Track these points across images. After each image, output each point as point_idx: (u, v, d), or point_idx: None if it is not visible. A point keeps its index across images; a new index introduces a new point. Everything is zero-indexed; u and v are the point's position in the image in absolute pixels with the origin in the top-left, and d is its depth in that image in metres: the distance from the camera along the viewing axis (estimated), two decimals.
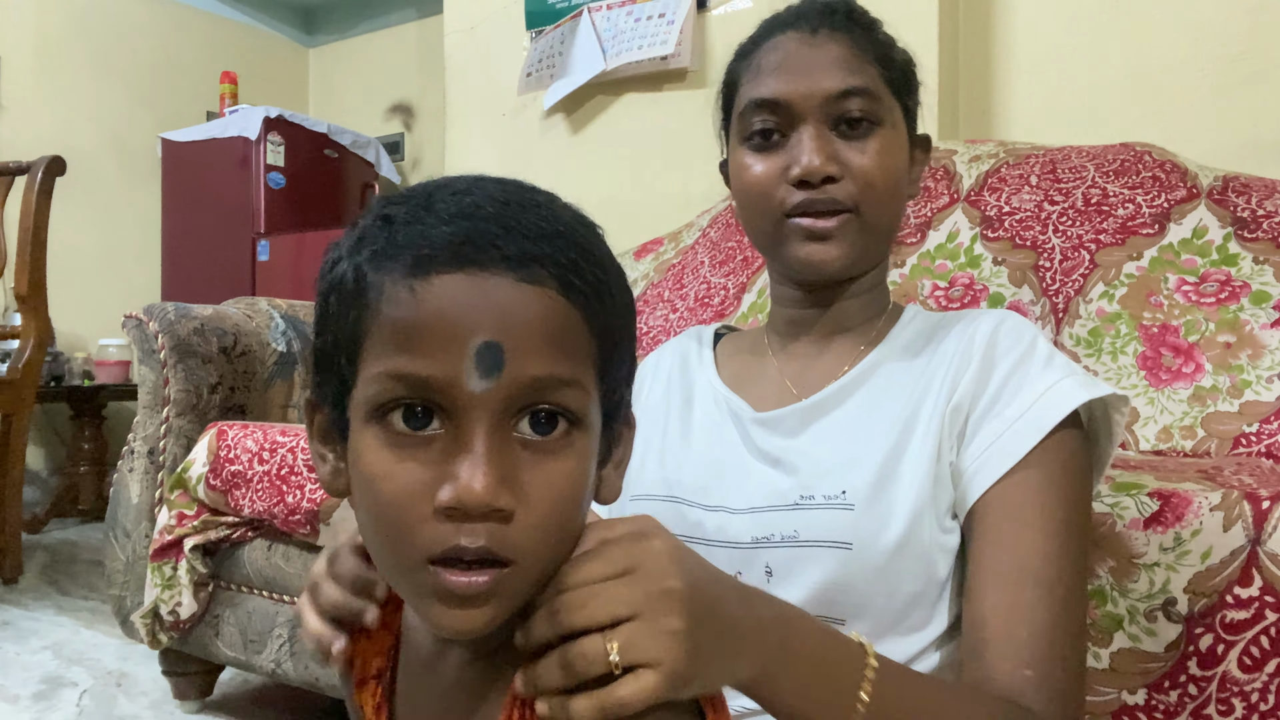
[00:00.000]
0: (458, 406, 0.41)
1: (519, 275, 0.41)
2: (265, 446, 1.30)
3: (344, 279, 0.43)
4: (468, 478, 0.39)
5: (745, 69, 0.78)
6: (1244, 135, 1.73)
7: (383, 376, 0.41)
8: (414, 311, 0.40)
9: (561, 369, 0.42)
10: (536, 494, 0.41)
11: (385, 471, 0.41)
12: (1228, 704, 0.68)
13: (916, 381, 0.73)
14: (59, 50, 3.49)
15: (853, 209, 0.73)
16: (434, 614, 0.42)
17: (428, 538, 0.40)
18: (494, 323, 0.40)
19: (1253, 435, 1.13)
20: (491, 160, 2.47)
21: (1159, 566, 0.70)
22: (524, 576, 0.42)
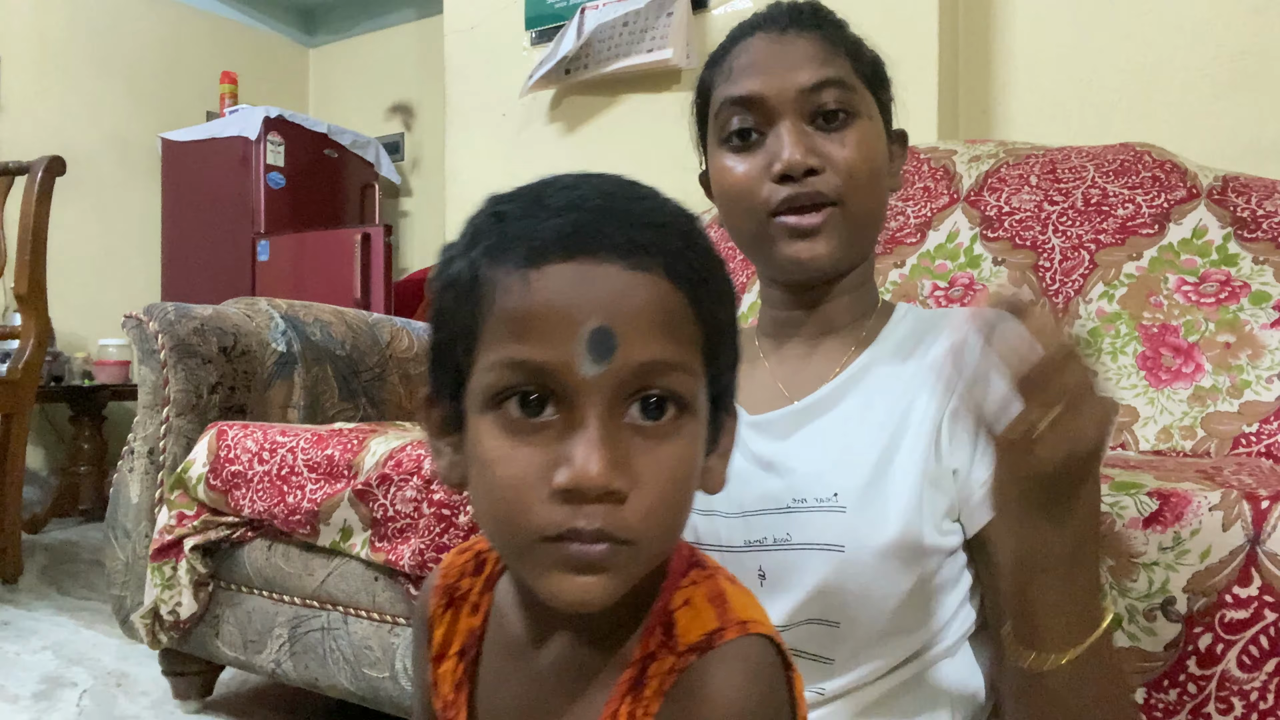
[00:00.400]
0: (571, 391, 0.42)
1: (628, 263, 0.42)
2: (265, 446, 1.30)
3: (459, 276, 0.45)
4: (583, 460, 0.41)
5: (717, 74, 0.78)
6: (1244, 135, 1.74)
7: (498, 365, 0.43)
8: (528, 301, 0.42)
9: (670, 353, 0.43)
10: (648, 477, 0.42)
11: (502, 456, 0.43)
12: (1227, 703, 0.68)
13: (908, 383, 0.73)
14: (59, 50, 3.49)
15: (837, 201, 0.73)
16: (553, 584, 0.43)
17: (545, 519, 0.42)
18: (605, 309, 0.41)
19: (1252, 435, 1.13)
20: (491, 160, 2.48)
21: (1158, 566, 0.70)
22: (637, 556, 0.43)
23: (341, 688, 1.24)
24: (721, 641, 0.45)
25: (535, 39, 2.39)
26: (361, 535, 1.20)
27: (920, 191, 1.54)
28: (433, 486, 1.13)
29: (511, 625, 0.52)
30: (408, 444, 1.18)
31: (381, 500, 1.17)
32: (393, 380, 1.79)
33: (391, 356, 1.80)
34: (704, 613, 0.47)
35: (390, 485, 1.16)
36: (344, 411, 1.69)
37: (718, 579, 0.49)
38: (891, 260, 1.49)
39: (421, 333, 1.91)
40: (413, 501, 1.14)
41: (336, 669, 1.24)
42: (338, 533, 1.22)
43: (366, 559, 1.20)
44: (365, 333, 1.78)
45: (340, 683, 1.24)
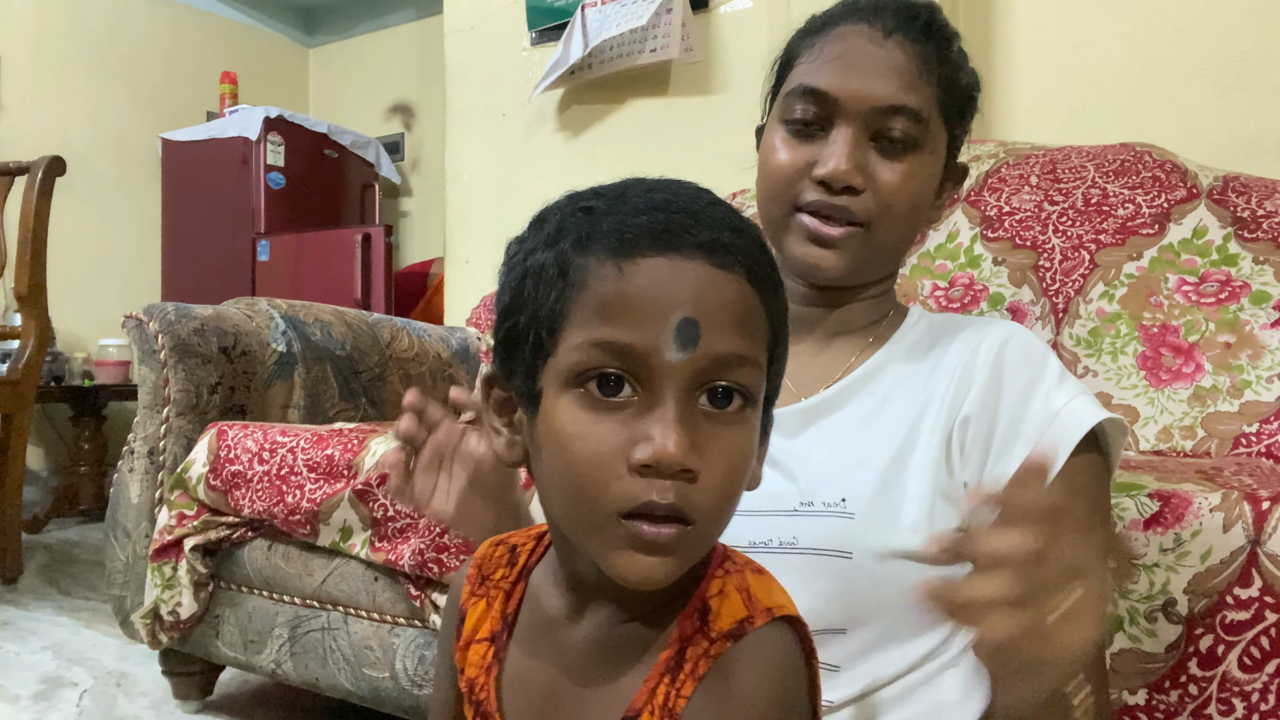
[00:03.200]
0: (653, 375, 0.45)
1: (713, 261, 0.46)
2: (265, 446, 1.30)
3: (545, 264, 0.47)
4: (662, 438, 0.43)
5: (807, 47, 0.76)
6: (1244, 135, 1.73)
7: (586, 345, 0.45)
8: (620, 287, 0.45)
9: (745, 348, 0.46)
10: (716, 459, 0.45)
11: (582, 432, 0.45)
12: (1228, 704, 0.68)
13: (920, 390, 0.72)
14: (59, 50, 3.49)
15: (863, 224, 0.72)
16: (622, 562, 0.45)
17: (621, 493, 0.44)
18: (692, 301, 0.45)
19: (1253, 435, 1.13)
20: (491, 160, 2.47)
21: (1159, 567, 0.70)
22: (701, 536, 0.46)
23: (341, 688, 1.24)
24: (751, 629, 0.48)
25: (536, 39, 2.39)
26: (361, 535, 1.20)
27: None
28: None
29: (547, 606, 0.54)
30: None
31: (381, 500, 1.16)
32: (393, 380, 1.79)
33: (392, 356, 1.80)
34: (734, 601, 0.49)
35: None
36: (344, 411, 1.69)
37: (745, 573, 0.52)
38: None
39: (422, 333, 1.91)
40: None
41: (336, 669, 1.24)
42: (338, 533, 1.22)
43: (366, 559, 1.20)
44: (365, 333, 1.78)
45: (340, 683, 1.24)
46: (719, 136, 2.07)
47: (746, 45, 2.05)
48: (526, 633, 0.55)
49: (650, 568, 0.45)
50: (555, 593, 0.54)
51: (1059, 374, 0.69)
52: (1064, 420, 0.66)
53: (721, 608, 0.49)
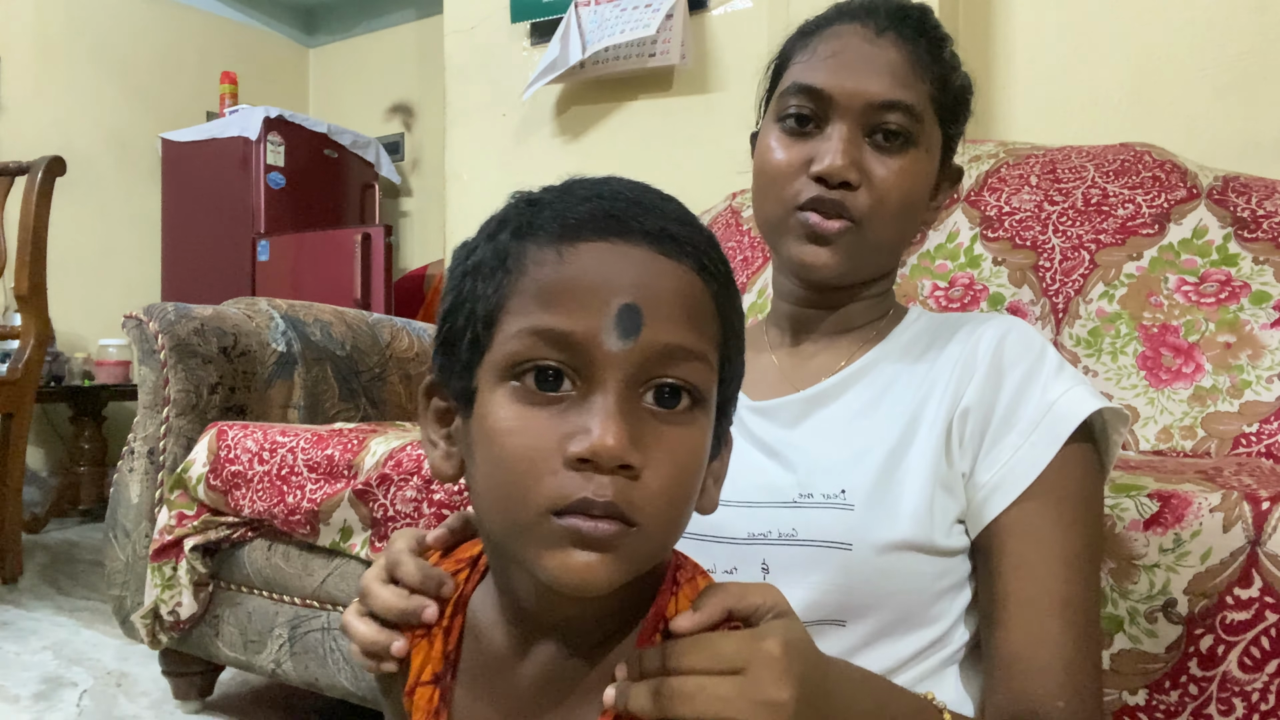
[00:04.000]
0: (594, 364, 0.42)
1: (659, 249, 0.44)
2: (265, 446, 1.30)
3: (483, 259, 0.46)
4: (601, 431, 0.40)
5: (801, 48, 0.77)
6: (1244, 135, 1.73)
7: (524, 333, 0.43)
8: (560, 272, 0.43)
9: (692, 341, 0.44)
10: (661, 459, 0.42)
11: (516, 426, 0.42)
12: (1228, 704, 0.68)
13: (920, 382, 0.72)
14: (59, 50, 3.49)
15: (856, 221, 0.72)
16: (556, 561, 0.42)
17: (555, 489, 0.41)
18: (635, 288, 0.42)
19: (1253, 435, 1.13)
20: (491, 160, 2.48)
21: (1159, 568, 0.70)
22: (644, 540, 0.43)
23: (341, 688, 1.24)
24: None
25: (535, 40, 2.39)
26: (361, 535, 1.20)
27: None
28: (433, 486, 1.13)
29: (490, 642, 0.50)
30: (408, 444, 1.18)
31: (381, 500, 1.16)
32: (393, 380, 1.79)
33: (392, 356, 1.80)
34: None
35: (390, 485, 1.16)
36: (344, 411, 1.69)
37: (696, 580, 0.49)
38: None
39: (422, 333, 1.91)
40: (413, 501, 1.14)
41: (336, 669, 1.24)
42: (338, 533, 1.22)
43: (366, 559, 1.20)
44: (365, 333, 1.78)
45: (340, 683, 1.24)
46: (717, 136, 2.07)
47: (745, 46, 2.05)
48: (471, 672, 0.51)
49: (587, 568, 0.41)
50: (497, 626, 0.50)
51: (1057, 364, 0.70)
52: (1059, 410, 0.66)
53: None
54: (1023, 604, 0.64)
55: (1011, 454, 0.66)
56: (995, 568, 0.66)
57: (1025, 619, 0.64)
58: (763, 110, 0.81)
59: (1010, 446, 0.67)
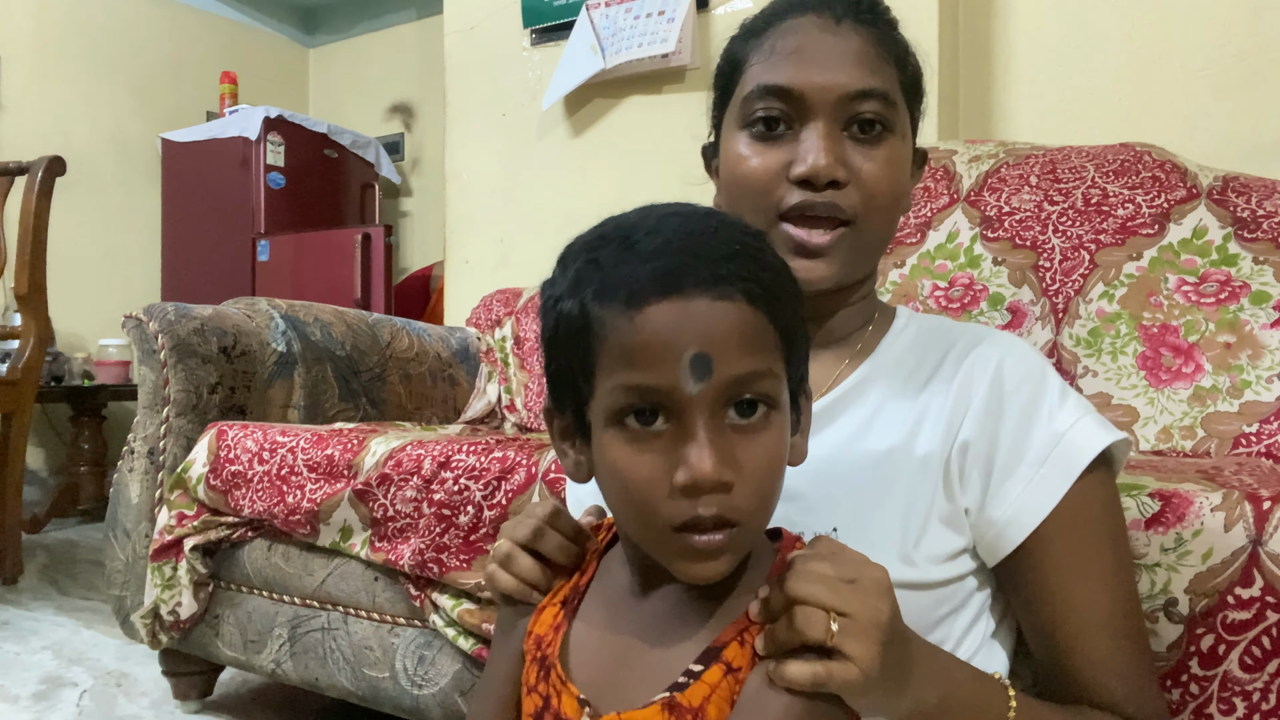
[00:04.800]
0: (679, 406, 0.50)
1: (713, 295, 0.50)
2: (265, 446, 1.30)
3: (571, 315, 0.53)
4: (696, 461, 0.49)
5: (754, 49, 0.72)
6: (1244, 135, 1.73)
7: (617, 389, 0.51)
8: (634, 337, 0.50)
9: (756, 364, 0.51)
10: (749, 466, 0.51)
11: (629, 464, 0.52)
12: (1229, 703, 0.68)
13: (910, 408, 0.70)
14: (59, 50, 3.49)
15: (851, 220, 0.69)
16: (683, 568, 0.52)
17: (671, 511, 0.51)
18: (701, 337, 0.50)
19: (1252, 435, 1.13)
20: (491, 160, 2.47)
21: (1160, 567, 0.70)
22: (747, 531, 0.53)
23: (341, 688, 1.24)
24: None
25: (535, 39, 2.39)
26: (361, 535, 1.20)
27: (920, 191, 1.54)
28: (433, 486, 1.13)
29: (617, 580, 0.61)
30: (407, 444, 1.18)
31: (381, 500, 1.16)
32: (393, 380, 1.79)
33: (391, 356, 1.80)
34: None
35: (390, 485, 1.16)
36: (344, 411, 1.69)
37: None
38: (891, 260, 1.49)
39: (422, 333, 1.91)
40: (413, 501, 1.14)
41: (336, 669, 1.24)
42: (337, 533, 1.22)
43: (366, 559, 1.20)
44: (365, 333, 1.78)
45: (340, 683, 1.24)
46: None
47: None
48: (597, 604, 0.61)
49: (708, 569, 0.52)
50: (625, 572, 0.60)
51: (1060, 391, 0.67)
52: (1070, 443, 0.65)
53: None
54: (1072, 630, 0.64)
55: (1023, 488, 0.65)
56: (1029, 598, 0.66)
57: (1080, 644, 0.64)
58: (715, 121, 0.78)
59: (1021, 480, 0.65)
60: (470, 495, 1.09)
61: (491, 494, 1.08)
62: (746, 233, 0.54)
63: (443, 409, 1.89)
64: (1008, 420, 0.66)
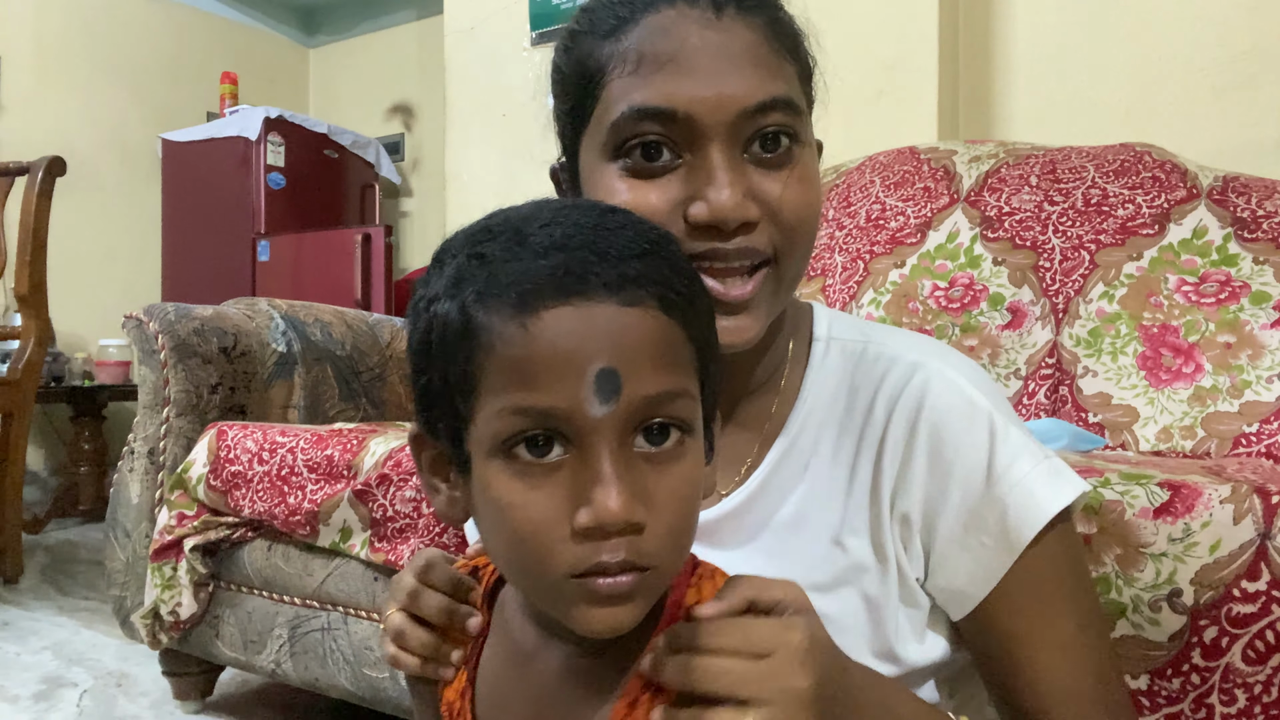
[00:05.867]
0: (581, 432, 0.42)
1: (621, 299, 0.42)
2: (265, 447, 1.30)
3: (449, 319, 0.44)
4: (603, 499, 0.41)
5: (614, 54, 0.57)
6: (1244, 135, 1.74)
7: (505, 413, 0.42)
8: (528, 348, 0.42)
9: (672, 383, 0.44)
10: (662, 503, 0.43)
11: (518, 501, 0.43)
12: (1230, 694, 0.68)
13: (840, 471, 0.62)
14: (59, 50, 3.49)
15: (769, 261, 0.57)
16: (581, 616, 0.44)
17: (569, 558, 0.42)
18: (607, 350, 0.42)
19: (1253, 435, 1.13)
20: (491, 160, 2.48)
21: (1166, 557, 0.70)
22: (659, 576, 0.45)
23: (341, 688, 1.24)
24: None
25: (536, 40, 2.39)
26: (361, 535, 1.20)
27: (920, 191, 1.54)
28: None
29: (514, 634, 0.53)
30: (407, 444, 1.18)
31: (381, 500, 1.16)
32: (393, 380, 1.79)
33: (392, 357, 1.80)
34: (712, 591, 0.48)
35: (390, 485, 1.16)
36: (344, 412, 1.69)
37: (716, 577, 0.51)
38: (892, 261, 1.49)
39: None
40: (412, 502, 1.14)
41: (336, 669, 1.24)
42: (337, 533, 1.22)
43: (366, 559, 1.20)
44: (365, 333, 1.78)
45: (340, 683, 1.24)
46: None
47: None
48: (498, 658, 0.54)
49: (613, 616, 0.43)
50: (522, 622, 0.53)
51: (1005, 440, 0.58)
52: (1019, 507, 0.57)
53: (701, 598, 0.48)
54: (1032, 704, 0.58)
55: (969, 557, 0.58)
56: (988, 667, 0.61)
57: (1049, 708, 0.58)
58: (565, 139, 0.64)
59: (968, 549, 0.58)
60: None
61: None
62: (655, 231, 0.46)
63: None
64: (951, 486, 0.58)
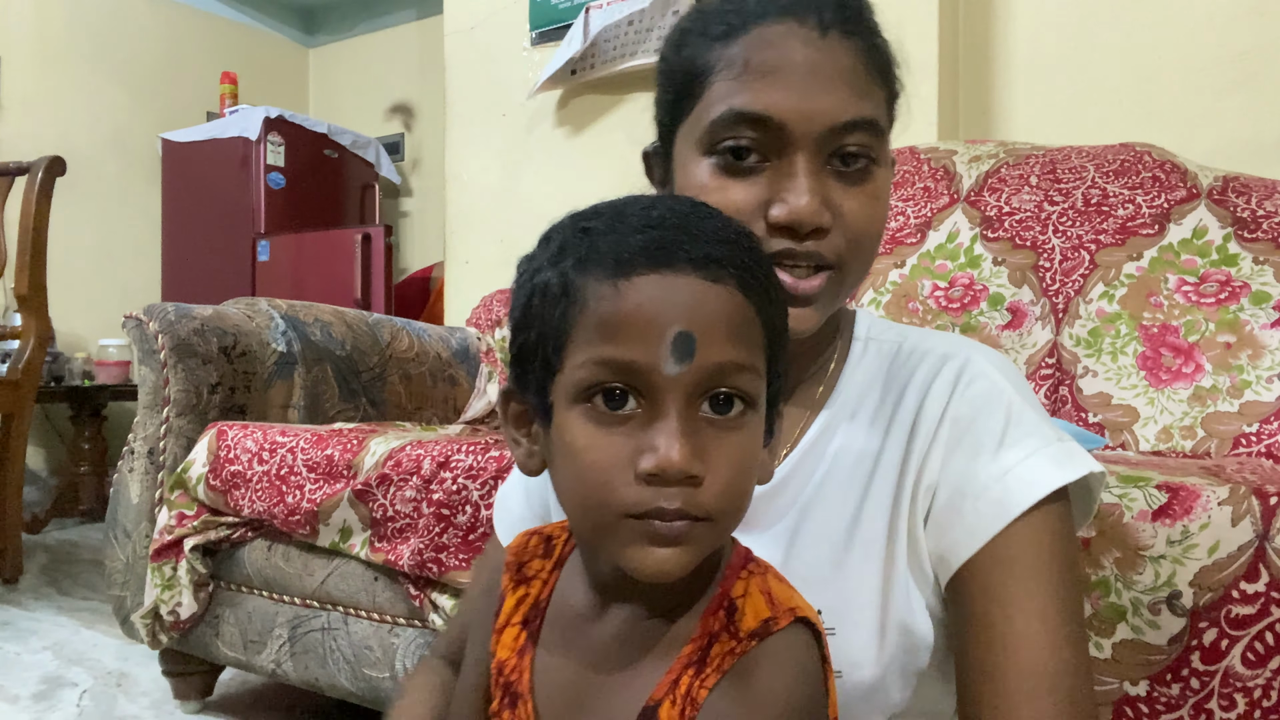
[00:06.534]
0: (655, 387, 0.47)
1: (704, 274, 0.47)
2: (265, 447, 1.30)
3: (549, 284, 0.49)
4: (666, 449, 0.46)
5: (722, 57, 0.61)
6: (1244, 135, 1.74)
7: (590, 363, 0.47)
8: (617, 306, 0.47)
9: (741, 356, 0.48)
10: (719, 463, 0.47)
11: (591, 444, 0.47)
12: (1230, 699, 0.68)
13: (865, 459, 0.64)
14: (59, 50, 3.50)
15: (834, 266, 0.61)
16: (637, 555, 0.47)
17: (630, 499, 0.46)
18: (686, 316, 0.46)
19: (1253, 435, 1.13)
20: (491, 160, 2.48)
21: (1165, 559, 0.70)
22: (712, 529, 0.48)
23: (341, 688, 1.24)
24: (776, 629, 0.50)
25: (536, 39, 2.39)
26: (361, 535, 1.20)
27: (920, 191, 1.54)
28: (431, 487, 1.12)
29: (576, 599, 0.56)
30: (407, 444, 1.18)
31: (381, 500, 1.16)
32: (393, 380, 1.79)
33: (392, 357, 1.80)
34: (759, 601, 0.51)
35: (390, 485, 1.16)
36: (344, 412, 1.69)
37: (768, 576, 0.54)
38: (891, 260, 1.49)
39: (422, 333, 1.91)
40: (412, 501, 1.14)
41: (336, 669, 1.24)
42: (337, 533, 1.22)
43: (366, 559, 1.20)
44: (365, 333, 1.78)
45: (340, 683, 1.24)
46: None
47: None
48: (555, 623, 0.57)
49: (664, 559, 0.47)
50: (581, 588, 0.56)
51: (1020, 421, 0.60)
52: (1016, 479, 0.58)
53: (747, 607, 0.51)
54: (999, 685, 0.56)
55: (960, 521, 0.59)
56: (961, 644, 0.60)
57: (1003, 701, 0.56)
58: (663, 127, 0.68)
59: (963, 513, 0.59)
60: (469, 495, 1.09)
61: (490, 494, 1.08)
62: (739, 226, 0.52)
63: (443, 409, 1.89)
64: (960, 454, 0.60)
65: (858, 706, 0.62)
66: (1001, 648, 0.56)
